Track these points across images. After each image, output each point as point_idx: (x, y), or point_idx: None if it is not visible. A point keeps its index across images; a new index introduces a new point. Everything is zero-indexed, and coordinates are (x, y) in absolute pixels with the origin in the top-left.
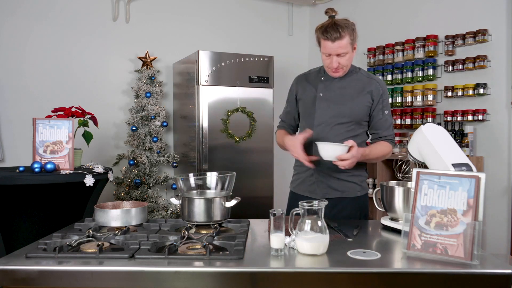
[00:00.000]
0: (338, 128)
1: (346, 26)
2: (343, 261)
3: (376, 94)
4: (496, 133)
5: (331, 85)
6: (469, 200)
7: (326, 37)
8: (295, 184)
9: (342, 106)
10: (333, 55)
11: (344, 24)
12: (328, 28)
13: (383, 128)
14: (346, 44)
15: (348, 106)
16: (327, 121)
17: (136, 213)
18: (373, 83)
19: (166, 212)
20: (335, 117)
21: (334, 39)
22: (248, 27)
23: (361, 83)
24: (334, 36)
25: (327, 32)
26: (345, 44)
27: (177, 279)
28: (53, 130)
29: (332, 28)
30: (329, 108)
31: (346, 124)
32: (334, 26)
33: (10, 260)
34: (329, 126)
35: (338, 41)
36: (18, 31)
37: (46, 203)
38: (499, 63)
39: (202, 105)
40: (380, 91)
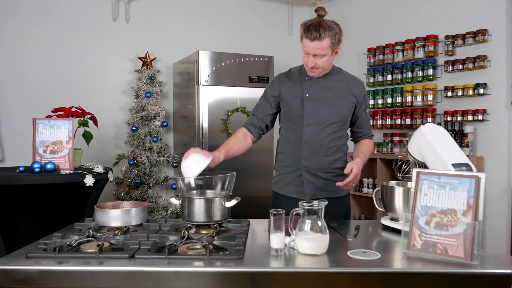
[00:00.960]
0: (328, 129)
1: (329, 29)
2: (343, 261)
3: (359, 95)
4: (496, 133)
5: (316, 85)
6: (469, 200)
7: (306, 36)
8: (281, 185)
9: (331, 106)
10: (310, 54)
11: (328, 26)
12: (310, 26)
13: (366, 127)
14: (325, 46)
15: (337, 106)
16: (317, 122)
17: (136, 213)
18: (356, 83)
19: (166, 212)
20: (325, 117)
21: (313, 38)
22: (248, 27)
23: (345, 84)
24: (314, 35)
25: (308, 31)
26: (323, 46)
27: (177, 279)
28: (53, 130)
29: (314, 28)
30: (319, 108)
31: (335, 125)
32: (317, 26)
33: (10, 260)
34: (319, 127)
35: (317, 41)
36: (18, 31)
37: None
38: (499, 63)
39: (202, 105)
40: (363, 91)
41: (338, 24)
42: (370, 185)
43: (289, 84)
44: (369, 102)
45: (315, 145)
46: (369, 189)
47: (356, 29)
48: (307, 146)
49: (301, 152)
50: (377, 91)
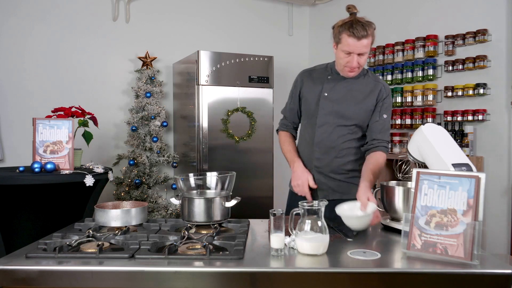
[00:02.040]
0: (340, 130)
1: (370, 26)
2: (343, 261)
3: (380, 98)
4: (496, 133)
5: (337, 85)
6: (469, 200)
7: (352, 34)
8: None
9: (347, 108)
10: (354, 53)
11: (368, 23)
12: (354, 24)
13: (377, 131)
14: (369, 43)
15: (353, 109)
16: (329, 122)
17: (136, 213)
18: (379, 86)
19: (166, 212)
20: (338, 118)
21: (361, 37)
22: (248, 27)
23: (368, 87)
24: (362, 34)
25: (353, 28)
26: (369, 43)
27: (177, 279)
28: (53, 130)
29: (358, 25)
30: (333, 109)
31: (349, 127)
32: (360, 23)
33: (10, 260)
34: (332, 127)
35: (364, 39)
36: (18, 31)
37: (46, 203)
38: (499, 63)
39: (202, 105)
40: (384, 95)
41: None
42: None
43: (311, 82)
44: (390, 108)
45: (327, 146)
46: None
47: None
48: (318, 146)
49: (313, 153)
50: None
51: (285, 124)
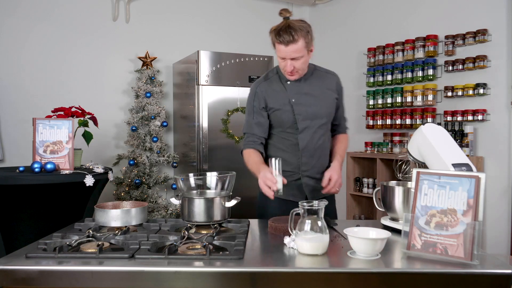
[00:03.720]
0: (320, 130)
1: (300, 29)
2: (343, 261)
3: (338, 89)
4: (496, 133)
5: (298, 88)
6: (469, 200)
7: (280, 41)
8: None
9: (318, 107)
10: (287, 58)
11: (298, 26)
12: (281, 31)
13: (343, 119)
14: (301, 47)
15: (323, 107)
16: (309, 126)
17: (136, 213)
18: (333, 78)
19: (166, 212)
20: (314, 120)
21: (288, 42)
22: (248, 27)
23: (323, 80)
24: (288, 39)
25: (280, 36)
26: (299, 47)
27: (177, 279)
28: (53, 130)
29: (285, 31)
30: (308, 112)
31: (324, 126)
32: (287, 28)
33: (10, 260)
34: (312, 130)
35: (292, 44)
36: (18, 31)
37: (46, 203)
38: (499, 63)
39: (202, 105)
40: (340, 85)
41: (307, 22)
42: (370, 185)
43: (274, 93)
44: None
45: (312, 150)
46: (369, 189)
47: (356, 29)
48: (304, 151)
49: (299, 158)
50: (377, 91)
51: (252, 141)
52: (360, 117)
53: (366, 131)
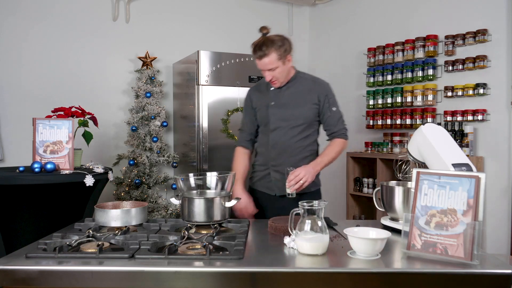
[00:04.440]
0: (293, 131)
1: (272, 43)
2: (343, 261)
3: (322, 95)
4: (496, 133)
5: (280, 93)
6: (469, 200)
7: (255, 55)
8: (254, 181)
9: (293, 110)
10: (264, 70)
11: (270, 41)
12: (256, 46)
13: (333, 124)
14: (273, 60)
15: (299, 110)
16: (281, 126)
17: (136, 213)
18: (318, 86)
19: (166, 212)
20: (288, 121)
21: (260, 56)
22: (248, 27)
23: (306, 87)
24: (260, 54)
25: (255, 51)
26: (271, 60)
27: (177, 279)
28: (53, 130)
29: (258, 47)
30: (282, 114)
31: (299, 127)
32: (261, 44)
33: (10, 260)
34: (283, 131)
35: (264, 58)
36: (18, 31)
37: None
38: (499, 63)
39: (202, 105)
40: (325, 92)
41: (283, 36)
42: (370, 185)
43: (259, 95)
44: (335, 100)
45: (281, 147)
46: (369, 189)
47: (356, 29)
48: (274, 148)
49: (269, 153)
50: (377, 91)
51: (242, 138)
52: (360, 117)
53: (366, 131)
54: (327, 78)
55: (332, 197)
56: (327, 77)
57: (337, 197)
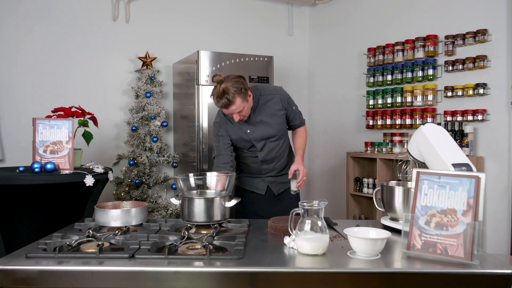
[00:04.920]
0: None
1: (235, 91)
2: (343, 261)
3: (284, 102)
4: (496, 133)
5: (250, 120)
6: (469, 200)
7: (220, 105)
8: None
9: (269, 129)
10: (232, 114)
11: (232, 88)
12: (218, 97)
13: (296, 119)
14: (239, 104)
15: (274, 128)
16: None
17: (136, 213)
18: (276, 97)
19: (166, 212)
20: (270, 138)
21: (226, 106)
22: (248, 27)
23: (269, 103)
24: (224, 103)
25: (218, 102)
26: (238, 105)
27: (177, 279)
28: (53, 130)
29: (221, 97)
30: (261, 134)
31: (279, 138)
32: (222, 94)
33: (10, 260)
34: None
35: (230, 106)
36: (17, 31)
37: (46, 203)
38: (499, 63)
39: (202, 105)
40: (285, 98)
41: (238, 76)
42: (370, 185)
43: (232, 127)
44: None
45: (270, 159)
46: (369, 189)
47: (356, 29)
48: (265, 163)
49: (260, 165)
50: (377, 91)
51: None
52: (360, 117)
53: (366, 131)
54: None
55: (332, 197)
56: (327, 77)
57: (337, 197)
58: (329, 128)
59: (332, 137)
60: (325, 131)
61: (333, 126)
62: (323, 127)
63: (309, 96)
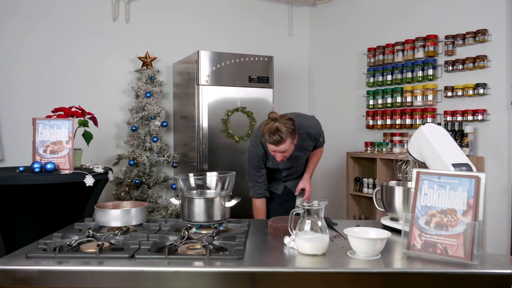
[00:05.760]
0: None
1: (287, 131)
2: (343, 261)
3: (315, 139)
4: (496, 133)
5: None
6: (469, 200)
7: (270, 142)
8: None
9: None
10: (277, 153)
11: (284, 128)
12: (271, 133)
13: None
14: (287, 145)
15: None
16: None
17: (136, 213)
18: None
19: (166, 212)
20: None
21: (277, 143)
22: (248, 27)
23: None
24: (275, 140)
25: (269, 137)
26: (286, 146)
27: (177, 279)
28: (53, 130)
29: (273, 134)
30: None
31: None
32: (275, 132)
33: (10, 260)
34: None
35: (281, 145)
36: (18, 31)
37: (46, 203)
38: (499, 63)
39: (202, 105)
40: (317, 134)
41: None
42: (370, 185)
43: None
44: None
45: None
46: (369, 189)
47: (356, 29)
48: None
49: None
50: (377, 91)
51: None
52: (360, 117)
53: (366, 131)
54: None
55: (332, 197)
56: (327, 77)
57: (337, 197)
58: (329, 128)
59: (332, 137)
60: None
61: (333, 126)
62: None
63: (309, 96)
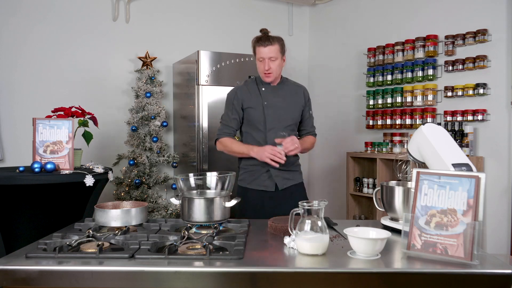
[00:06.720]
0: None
1: (277, 38)
2: (343, 261)
3: (305, 98)
4: (496, 133)
5: (271, 93)
6: (469, 200)
7: (260, 44)
8: (249, 181)
9: (286, 111)
10: (265, 58)
11: (274, 36)
12: (261, 38)
13: (310, 125)
14: (276, 50)
15: (290, 111)
16: (275, 127)
17: (136, 213)
18: (301, 89)
19: (166, 212)
20: (282, 121)
21: (266, 45)
22: (248, 27)
23: (292, 90)
24: (266, 43)
25: (260, 40)
26: (275, 49)
27: (177, 279)
28: (53, 130)
29: (265, 37)
30: (276, 114)
31: (289, 127)
32: (266, 36)
33: (10, 260)
34: (278, 131)
35: (269, 46)
36: (18, 31)
37: (46, 203)
38: (499, 63)
39: (202, 105)
40: (307, 95)
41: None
42: (370, 185)
43: (249, 96)
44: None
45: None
46: (369, 189)
47: (356, 29)
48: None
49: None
50: (377, 91)
51: (227, 132)
52: (360, 117)
53: (366, 131)
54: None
55: (332, 197)
56: (327, 77)
57: (337, 197)
58: (329, 128)
59: (332, 137)
60: (325, 131)
61: (333, 126)
62: (323, 127)
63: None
